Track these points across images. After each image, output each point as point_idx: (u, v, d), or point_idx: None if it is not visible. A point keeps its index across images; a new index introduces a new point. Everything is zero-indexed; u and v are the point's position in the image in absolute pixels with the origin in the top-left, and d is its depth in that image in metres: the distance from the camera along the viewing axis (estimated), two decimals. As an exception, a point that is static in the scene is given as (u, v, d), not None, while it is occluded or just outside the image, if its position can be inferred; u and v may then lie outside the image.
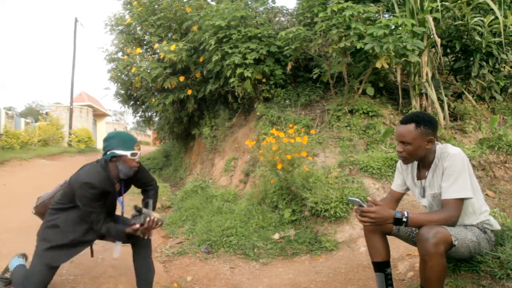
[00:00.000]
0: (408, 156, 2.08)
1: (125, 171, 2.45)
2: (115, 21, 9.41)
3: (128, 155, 2.40)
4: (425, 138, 2.03)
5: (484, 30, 5.60)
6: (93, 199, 2.35)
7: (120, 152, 2.39)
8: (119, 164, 2.42)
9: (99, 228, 2.43)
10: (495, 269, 1.97)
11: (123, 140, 2.42)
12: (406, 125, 2.07)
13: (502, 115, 6.01)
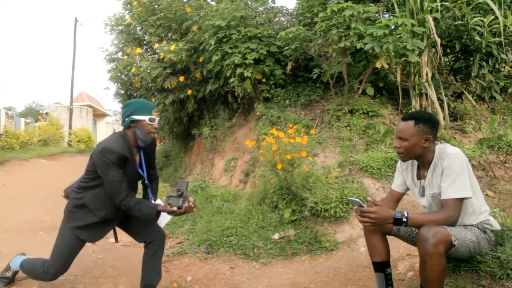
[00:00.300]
0: (405, 152, 2.09)
1: (143, 137, 2.40)
2: (115, 21, 9.41)
3: (146, 120, 2.37)
4: (423, 136, 2.03)
5: (484, 30, 5.60)
6: (113, 165, 2.28)
7: (138, 117, 2.37)
8: (137, 130, 2.39)
9: (122, 200, 2.31)
10: (495, 269, 1.97)
11: (141, 106, 2.40)
12: (406, 122, 2.09)
13: (502, 115, 6.01)
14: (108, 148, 2.28)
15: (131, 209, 2.32)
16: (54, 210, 5.38)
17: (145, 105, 2.42)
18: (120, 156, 2.30)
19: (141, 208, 2.31)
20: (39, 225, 4.59)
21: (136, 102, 2.45)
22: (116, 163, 2.29)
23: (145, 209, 2.32)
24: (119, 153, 2.30)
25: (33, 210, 5.29)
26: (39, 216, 4.99)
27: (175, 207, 2.24)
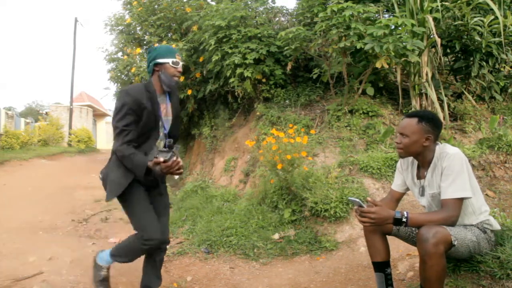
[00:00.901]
0: (404, 148, 2.09)
1: (167, 80, 2.34)
2: (115, 21, 9.41)
3: (170, 62, 2.33)
4: (424, 135, 2.04)
5: (484, 30, 5.60)
6: (125, 108, 2.20)
7: (161, 60, 2.33)
8: (161, 73, 2.34)
9: (118, 146, 2.23)
10: (495, 269, 1.97)
11: (165, 50, 2.37)
12: (410, 119, 2.11)
13: (502, 115, 6.00)
14: (125, 90, 2.26)
15: (124, 158, 2.24)
16: (54, 210, 5.40)
17: (168, 48, 2.39)
18: (136, 100, 2.23)
19: (133, 159, 2.22)
20: (39, 225, 4.59)
21: (159, 46, 2.42)
22: (130, 107, 2.21)
23: (137, 161, 2.22)
24: (135, 97, 2.23)
25: (33, 210, 5.29)
26: (39, 216, 5.00)
27: (161, 158, 2.14)
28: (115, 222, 4.94)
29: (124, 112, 2.21)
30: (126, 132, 2.22)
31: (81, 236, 4.39)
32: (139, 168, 2.21)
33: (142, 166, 2.21)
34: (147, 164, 2.20)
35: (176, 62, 2.35)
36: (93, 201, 6.02)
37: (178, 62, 2.36)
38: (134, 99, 2.22)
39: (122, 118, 2.21)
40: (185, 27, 8.06)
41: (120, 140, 2.22)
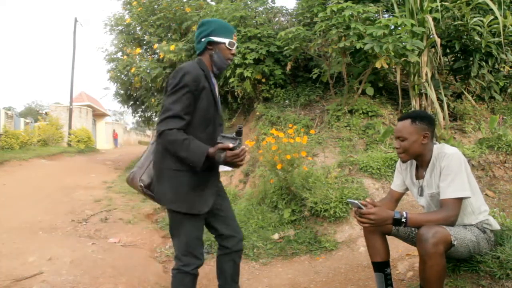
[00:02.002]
0: (405, 152, 2.09)
1: (220, 62, 2.04)
2: (114, 21, 9.43)
3: (226, 43, 2.01)
4: (421, 133, 2.04)
5: (484, 30, 5.61)
6: (184, 90, 1.87)
7: (217, 38, 2.00)
8: (214, 53, 2.02)
9: (167, 129, 1.83)
10: (495, 269, 1.97)
11: (221, 26, 2.04)
12: (403, 121, 2.11)
13: (501, 115, 6.01)
14: (182, 67, 1.92)
15: (176, 144, 1.83)
16: (54, 210, 5.40)
17: (226, 26, 2.07)
18: (195, 78, 1.90)
19: (189, 145, 1.83)
20: (39, 225, 4.59)
21: (215, 21, 2.07)
22: (189, 88, 1.87)
23: (194, 147, 1.83)
24: (194, 75, 1.90)
25: (33, 210, 5.29)
26: (39, 216, 4.99)
27: (230, 144, 1.84)
28: (114, 222, 4.93)
29: (181, 94, 1.86)
30: (179, 118, 1.85)
31: (81, 236, 4.38)
32: (197, 155, 1.83)
33: (201, 153, 1.83)
34: (207, 151, 1.84)
35: (232, 43, 2.04)
36: (93, 201, 6.02)
37: (234, 43, 2.06)
38: (193, 77, 1.89)
39: (177, 101, 1.86)
40: (185, 27, 8.07)
41: (170, 124, 1.83)
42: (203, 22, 2.06)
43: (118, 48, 9.64)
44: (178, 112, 1.84)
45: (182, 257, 1.96)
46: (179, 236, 1.97)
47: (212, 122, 2.03)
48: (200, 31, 2.05)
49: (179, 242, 1.98)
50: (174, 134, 1.83)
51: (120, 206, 5.70)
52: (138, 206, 5.75)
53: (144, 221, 5.15)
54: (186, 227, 1.96)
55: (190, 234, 1.96)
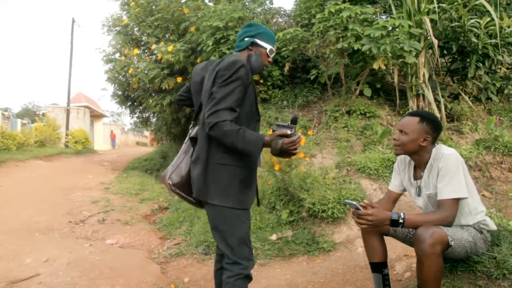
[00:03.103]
0: (401, 145, 2.10)
1: (256, 65, 2.02)
2: (112, 22, 9.40)
3: (268, 49, 2.03)
4: (423, 135, 2.05)
5: (481, 31, 5.63)
6: (238, 82, 1.80)
7: (261, 42, 2.01)
8: (253, 55, 2.01)
9: (220, 121, 1.74)
10: (491, 269, 1.98)
11: (267, 33, 2.05)
12: (411, 117, 2.12)
13: (498, 116, 6.03)
14: (238, 60, 1.84)
15: (229, 135, 1.75)
16: (51, 211, 5.38)
17: (271, 34, 2.09)
18: (248, 71, 1.87)
19: (244, 135, 1.76)
20: (36, 227, 4.58)
21: (262, 26, 2.09)
22: (243, 79, 1.82)
23: (249, 136, 1.77)
24: (248, 68, 1.88)
25: (30, 212, 5.28)
26: (36, 217, 4.98)
27: (288, 131, 1.78)
28: (112, 224, 4.92)
29: (235, 86, 1.80)
30: (232, 111, 1.78)
31: (78, 238, 4.37)
32: (253, 144, 1.77)
33: (258, 141, 1.77)
34: (264, 139, 1.79)
35: (272, 51, 2.05)
36: (90, 202, 6.00)
37: (274, 52, 2.08)
38: (247, 70, 1.86)
39: (231, 93, 1.78)
40: (183, 28, 8.06)
41: (222, 116, 1.75)
42: (251, 24, 2.08)
43: (116, 49, 9.61)
44: (231, 104, 1.77)
45: (241, 260, 1.88)
46: (233, 234, 1.89)
47: (254, 117, 1.99)
48: (246, 31, 2.05)
49: (231, 241, 1.89)
50: (228, 125, 1.74)
51: (118, 207, 5.69)
52: (136, 207, 5.75)
53: (142, 222, 5.15)
54: (239, 223, 1.91)
55: (244, 229, 1.93)
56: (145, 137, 38.23)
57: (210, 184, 1.87)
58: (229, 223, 1.89)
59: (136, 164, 12.67)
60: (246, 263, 1.89)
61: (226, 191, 1.87)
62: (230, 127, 1.74)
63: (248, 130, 1.80)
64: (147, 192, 6.92)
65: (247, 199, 1.97)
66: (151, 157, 13.98)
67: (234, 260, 1.87)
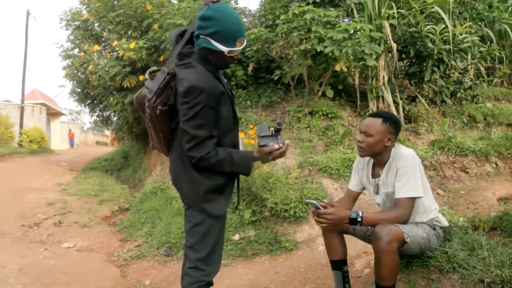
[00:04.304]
0: (367, 148, 2.12)
1: (218, 65, 1.80)
2: (71, 16, 9.02)
3: (225, 52, 1.69)
4: (387, 135, 2.09)
5: (436, 37, 5.90)
6: (203, 111, 1.67)
7: (216, 44, 1.67)
8: (210, 57, 1.75)
9: (204, 155, 1.69)
10: (443, 263, 2.07)
11: (227, 29, 1.67)
12: (374, 118, 2.13)
13: (451, 118, 6.35)
14: (195, 85, 1.66)
15: (219, 165, 1.73)
16: (1, 214, 5.09)
17: (230, 31, 1.68)
18: (211, 93, 1.69)
19: (233, 160, 1.73)
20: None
21: (221, 20, 1.67)
22: (210, 104, 1.68)
23: (239, 158, 1.74)
24: (209, 90, 1.69)
25: (-21, 214, 4.97)
26: (-15, 220, 4.70)
27: (276, 145, 1.75)
28: (69, 226, 4.73)
29: (203, 114, 1.68)
30: (210, 139, 1.72)
31: (32, 242, 4.17)
32: (244, 166, 1.79)
33: (248, 163, 1.78)
34: (253, 157, 1.80)
35: (232, 52, 1.72)
36: (46, 204, 5.73)
37: (236, 50, 1.73)
38: (208, 93, 1.68)
39: (202, 124, 1.68)
40: (146, 25, 7.88)
41: (204, 149, 1.70)
42: (207, 17, 1.67)
43: (75, 44, 9.25)
44: (206, 134, 1.70)
45: (204, 266, 1.82)
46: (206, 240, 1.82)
47: (232, 123, 1.89)
48: (201, 26, 1.70)
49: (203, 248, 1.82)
50: (213, 157, 1.71)
51: (76, 209, 5.47)
52: (95, 209, 5.55)
53: (101, 224, 4.98)
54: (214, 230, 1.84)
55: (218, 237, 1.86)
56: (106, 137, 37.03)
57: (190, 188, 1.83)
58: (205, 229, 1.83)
59: (95, 164, 12.25)
60: (209, 269, 1.84)
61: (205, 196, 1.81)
62: (215, 158, 1.71)
63: (235, 152, 1.77)
64: (107, 193, 6.71)
65: (223, 206, 1.90)
66: (112, 157, 13.56)
67: (195, 264, 1.82)
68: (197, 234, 1.81)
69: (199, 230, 1.81)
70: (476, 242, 2.13)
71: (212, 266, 1.86)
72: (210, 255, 1.82)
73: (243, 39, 1.72)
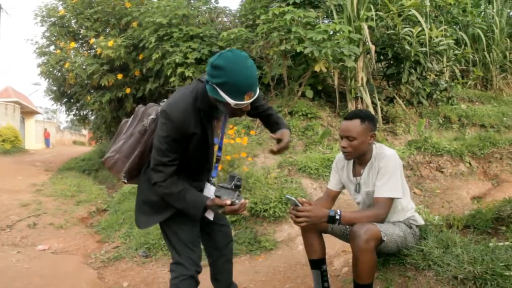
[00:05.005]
0: (353, 151, 2.11)
1: (225, 113, 1.76)
2: (46, 12, 8.80)
3: (232, 104, 1.64)
4: (369, 133, 2.10)
5: (413, 40, 6.03)
6: (168, 139, 1.70)
7: (223, 94, 1.62)
8: (218, 105, 1.70)
9: (160, 181, 1.75)
10: (419, 261, 2.11)
11: (236, 84, 1.61)
12: (352, 121, 2.10)
13: (428, 119, 6.50)
14: (168, 113, 1.70)
15: (172, 197, 1.78)
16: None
17: (239, 86, 1.61)
18: (180, 128, 1.71)
19: (186, 197, 1.77)
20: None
21: (232, 72, 1.60)
22: (173, 137, 1.71)
23: (191, 200, 1.78)
24: (178, 125, 1.70)
25: None
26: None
27: (228, 201, 1.74)
28: (44, 228, 4.60)
29: (167, 142, 1.71)
30: (170, 166, 1.75)
31: (4, 245, 4.04)
32: (194, 209, 1.80)
33: (198, 207, 1.79)
34: (205, 204, 1.79)
35: (240, 105, 1.66)
36: (19, 205, 5.55)
37: (244, 104, 1.67)
38: (177, 127, 1.70)
39: (164, 150, 1.72)
40: (124, 23, 7.78)
41: (162, 174, 1.75)
42: (218, 66, 1.61)
43: (50, 41, 9.03)
44: (166, 162, 1.74)
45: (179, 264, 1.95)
46: (168, 243, 2.05)
47: (205, 152, 1.90)
48: (210, 74, 1.64)
49: (170, 249, 2.04)
50: (168, 187, 1.76)
51: (51, 210, 5.33)
52: (72, 210, 5.42)
53: (78, 226, 4.88)
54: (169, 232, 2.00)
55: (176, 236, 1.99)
56: (83, 136, 36.26)
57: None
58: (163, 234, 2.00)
59: (72, 164, 11.96)
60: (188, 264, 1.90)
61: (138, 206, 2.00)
62: (169, 189, 1.76)
63: (190, 191, 1.80)
64: (84, 193, 6.56)
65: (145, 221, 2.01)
66: (89, 156, 13.25)
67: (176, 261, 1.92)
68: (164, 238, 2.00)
69: (163, 234, 2.00)
70: (450, 240, 2.18)
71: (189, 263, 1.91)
72: (178, 254, 1.93)
73: (252, 92, 1.66)
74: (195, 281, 1.92)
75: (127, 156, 1.89)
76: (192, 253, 1.92)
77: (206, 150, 1.89)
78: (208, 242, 2.17)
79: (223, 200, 1.74)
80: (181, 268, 1.89)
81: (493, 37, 8.42)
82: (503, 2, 9.06)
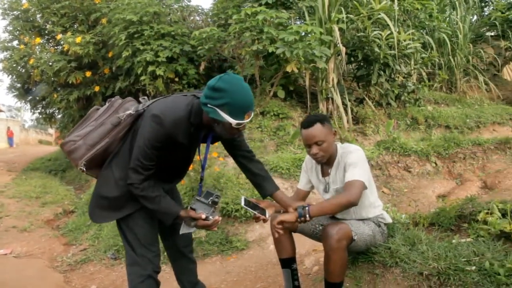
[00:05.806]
0: (326, 154, 2.14)
1: (223, 134, 1.80)
2: (8, 5, 8.43)
3: (233, 124, 1.68)
4: (331, 132, 2.15)
5: (382, 42, 6.18)
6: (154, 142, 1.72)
7: (224, 115, 1.66)
8: (216, 126, 1.74)
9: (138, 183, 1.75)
10: (387, 258, 2.17)
11: (237, 103, 1.66)
12: (313, 127, 2.12)
13: (396, 119, 6.68)
14: (160, 118, 1.70)
15: (147, 200, 1.78)
16: None
17: (241, 105, 1.67)
18: (169, 134, 1.72)
19: (160, 202, 1.79)
20: None
21: (233, 92, 1.65)
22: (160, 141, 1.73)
23: (165, 207, 1.80)
24: (168, 131, 1.71)
25: None
26: None
27: (203, 215, 1.77)
28: (6, 231, 4.41)
29: (149, 148, 1.72)
30: (148, 170, 1.76)
31: (-38, 249, 3.85)
32: (166, 215, 1.82)
33: (171, 215, 1.81)
34: (178, 214, 1.80)
35: (240, 124, 1.71)
36: (-20, 207, 5.31)
37: (244, 123, 1.72)
38: (167, 134, 1.72)
39: (147, 154, 1.73)
40: (93, 19, 7.57)
41: (141, 176, 1.75)
42: (218, 88, 1.66)
43: (14, 36, 8.66)
44: (148, 166, 1.75)
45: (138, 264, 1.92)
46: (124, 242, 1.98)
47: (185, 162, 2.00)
48: (210, 96, 1.67)
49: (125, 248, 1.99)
50: (144, 190, 1.76)
51: (14, 213, 5.12)
52: (36, 212, 5.23)
53: (43, 228, 4.71)
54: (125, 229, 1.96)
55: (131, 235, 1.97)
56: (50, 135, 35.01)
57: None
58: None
59: (38, 164, 11.55)
60: (144, 263, 1.88)
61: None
62: (146, 192, 1.77)
63: (165, 198, 1.82)
64: (50, 195, 6.34)
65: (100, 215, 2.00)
66: (56, 156, 12.83)
67: (132, 261, 1.90)
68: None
69: (120, 231, 1.96)
70: (416, 237, 2.25)
71: (144, 262, 1.88)
72: (135, 253, 1.88)
73: (251, 112, 1.73)
74: (154, 280, 1.91)
75: (92, 145, 1.82)
76: (149, 252, 1.90)
77: (187, 160, 1.98)
78: (168, 242, 2.21)
79: (198, 214, 1.78)
80: (137, 269, 1.87)
81: (457, 42, 8.79)
82: (466, 9, 9.46)
